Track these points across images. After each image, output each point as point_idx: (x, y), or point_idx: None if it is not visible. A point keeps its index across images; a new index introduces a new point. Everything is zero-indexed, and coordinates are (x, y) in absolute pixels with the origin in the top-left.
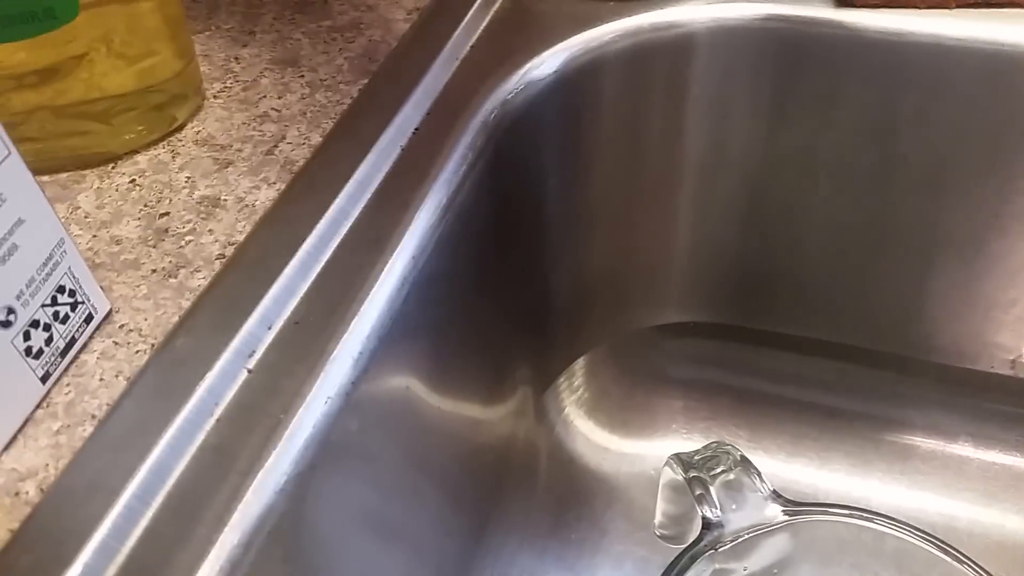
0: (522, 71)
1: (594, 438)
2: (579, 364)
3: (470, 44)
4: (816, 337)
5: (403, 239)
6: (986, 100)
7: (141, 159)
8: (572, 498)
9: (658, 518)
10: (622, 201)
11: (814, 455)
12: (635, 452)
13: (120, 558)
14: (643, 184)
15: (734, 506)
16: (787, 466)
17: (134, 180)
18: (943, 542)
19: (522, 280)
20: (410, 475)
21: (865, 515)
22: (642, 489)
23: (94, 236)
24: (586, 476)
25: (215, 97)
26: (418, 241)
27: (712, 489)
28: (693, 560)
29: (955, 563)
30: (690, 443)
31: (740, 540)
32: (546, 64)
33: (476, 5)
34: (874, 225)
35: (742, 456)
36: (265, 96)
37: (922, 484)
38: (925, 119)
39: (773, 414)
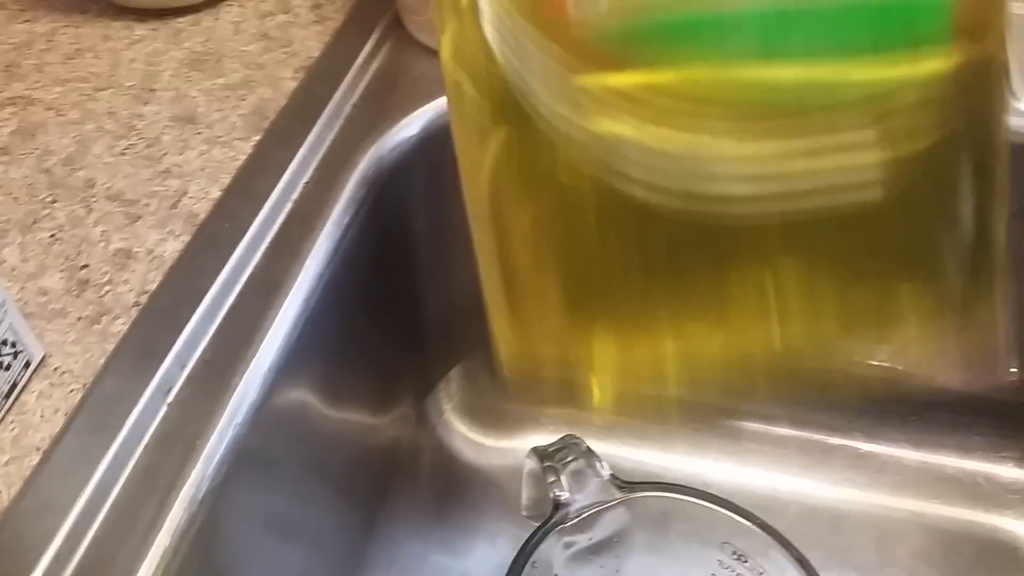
0: (395, 129)
1: (471, 436)
2: (455, 372)
3: (351, 103)
4: None
5: (295, 284)
6: None
7: (59, 214)
8: (453, 489)
9: (523, 501)
10: None
11: (658, 441)
12: (507, 447)
13: (72, 565)
14: None
15: (580, 488)
16: (636, 451)
17: (54, 235)
18: (737, 506)
19: (401, 306)
20: (307, 480)
21: (679, 489)
22: (513, 478)
23: (22, 288)
24: (465, 470)
25: (122, 154)
26: (309, 285)
27: (562, 475)
28: (545, 535)
29: (743, 519)
30: (553, 436)
31: (584, 516)
32: (416, 123)
33: (356, 66)
34: None
35: (587, 447)
36: (167, 152)
37: (749, 461)
38: None
39: None
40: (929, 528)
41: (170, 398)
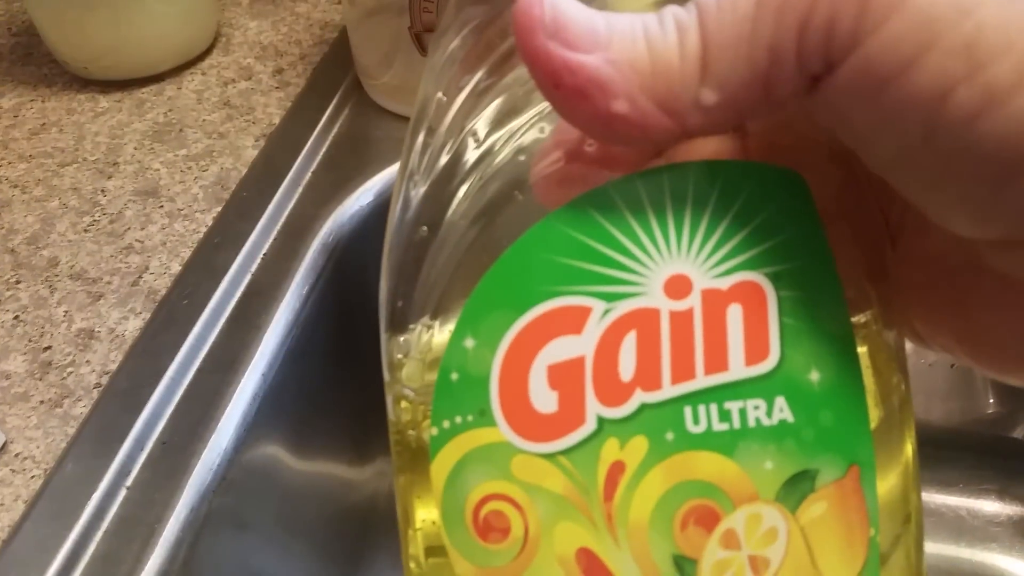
0: (353, 197)
1: None
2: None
3: (310, 171)
4: None
5: (254, 359)
6: None
7: (22, 295)
8: None
9: None
10: None
11: None
12: None
13: None
14: None
15: None
16: None
17: (17, 316)
18: None
19: (366, 367)
20: (282, 540)
21: None
22: None
23: None
24: None
25: (85, 230)
26: (268, 359)
27: None
28: None
29: None
30: None
31: None
32: (372, 189)
33: (316, 131)
34: None
35: None
36: (129, 228)
37: None
38: None
39: None
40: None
41: (129, 482)
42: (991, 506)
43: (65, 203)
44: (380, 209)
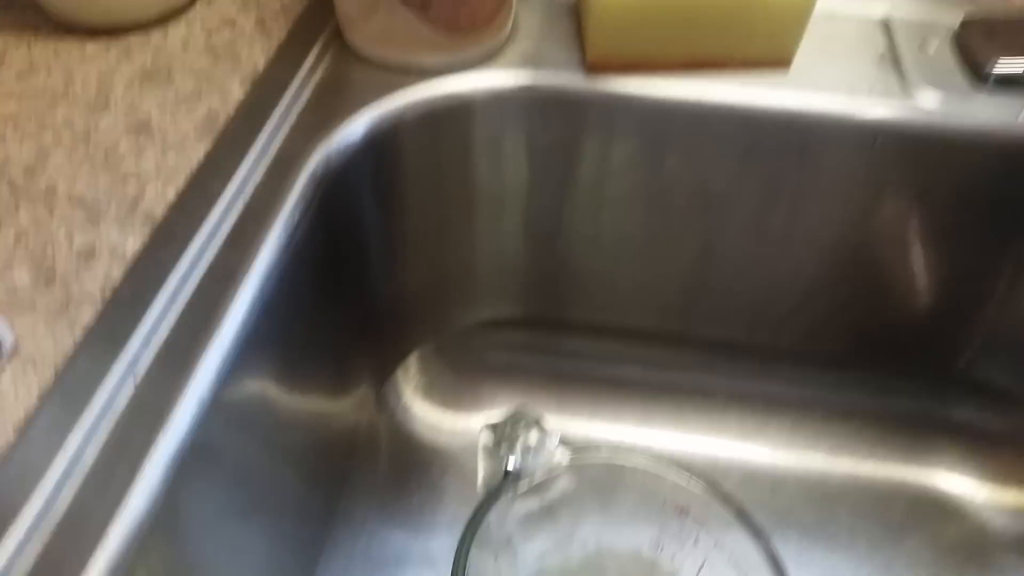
0: (339, 133)
1: (429, 419)
2: (412, 358)
3: (297, 110)
4: (603, 322)
5: (249, 274)
6: (730, 144)
7: (23, 218)
8: (413, 470)
9: (480, 477)
10: (430, 229)
11: (608, 415)
12: (465, 427)
13: (48, 526)
14: (445, 215)
15: (530, 457)
16: (588, 424)
17: (19, 237)
18: (678, 466)
19: (354, 296)
20: (268, 463)
21: (625, 452)
22: (472, 457)
23: None
24: (424, 451)
25: (81, 162)
26: (262, 275)
27: (514, 446)
28: (496, 501)
29: (684, 478)
30: None
31: (535, 482)
32: (359, 126)
33: (300, 75)
34: (634, 233)
35: (537, 419)
36: (124, 159)
37: (691, 431)
38: (670, 159)
39: (574, 385)
40: (864, 487)
41: (136, 376)
42: (936, 430)
43: (59, 137)
44: (365, 145)
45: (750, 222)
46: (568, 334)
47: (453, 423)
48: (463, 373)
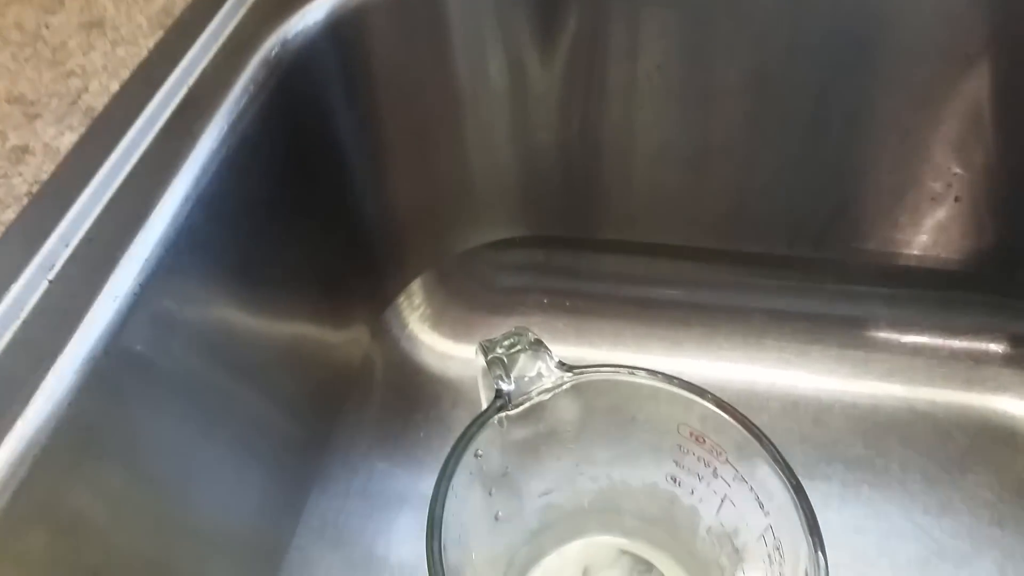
0: (299, 14)
1: (438, 348)
2: (416, 285)
3: None
4: (622, 238)
5: (186, 162)
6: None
7: None
8: (420, 403)
9: (483, 402)
10: (416, 133)
11: (632, 342)
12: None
13: None
14: (431, 116)
15: (526, 378)
16: (610, 354)
17: None
18: (689, 383)
19: (333, 210)
20: (234, 387)
21: (628, 368)
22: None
23: None
24: (433, 382)
25: (26, 61)
26: (201, 163)
27: (509, 367)
28: (485, 421)
29: (697, 397)
30: None
31: (529, 403)
32: (320, 8)
33: None
34: (655, 134)
35: (535, 338)
36: (72, 56)
37: (726, 358)
38: (693, 38)
39: (595, 310)
40: (920, 415)
41: (52, 275)
42: (1002, 351)
43: (7, 38)
44: (330, 28)
45: (805, 114)
46: (586, 253)
47: (464, 352)
48: (473, 299)
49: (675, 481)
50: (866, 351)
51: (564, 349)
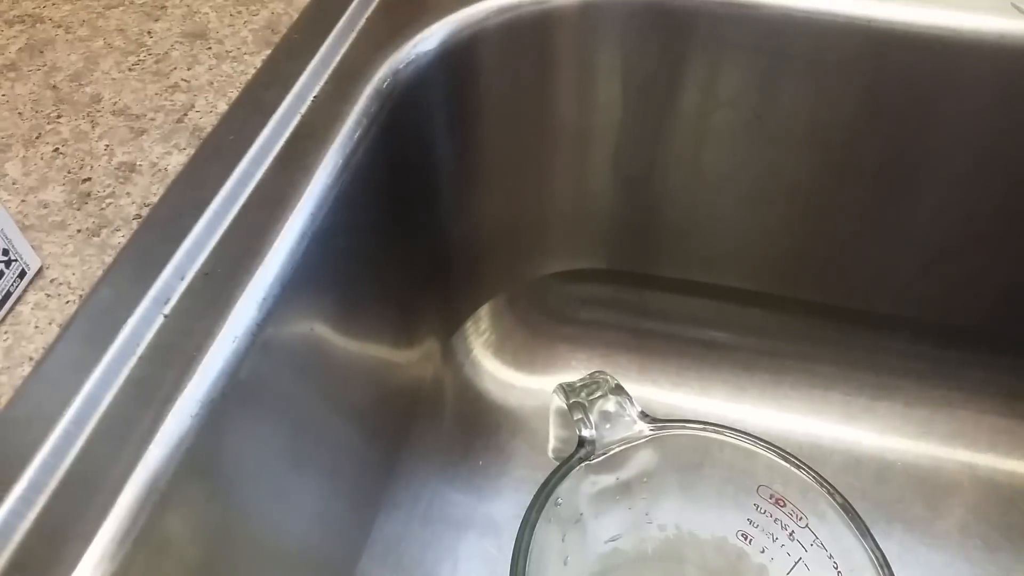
0: (412, 43)
1: (500, 376)
2: (484, 310)
3: (365, 17)
4: (695, 279)
5: (302, 197)
6: (857, 67)
7: (63, 128)
8: (480, 430)
9: (551, 442)
10: (507, 163)
11: (695, 384)
12: (538, 387)
13: (60, 473)
14: (524, 148)
15: (608, 425)
16: (672, 394)
17: (57, 149)
18: (777, 447)
19: (422, 235)
20: (323, 413)
21: (713, 427)
22: (544, 420)
23: (23, 200)
24: (493, 410)
25: (130, 70)
26: (317, 199)
27: (589, 411)
28: (569, 470)
29: (783, 462)
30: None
31: (611, 452)
32: (433, 36)
33: None
34: (742, 178)
35: (616, 384)
36: (175, 68)
37: (790, 408)
38: (787, 84)
39: (659, 349)
40: (982, 481)
41: (167, 309)
42: None
43: (110, 43)
44: (440, 59)
45: (877, 164)
46: (656, 291)
47: (525, 382)
48: (538, 329)
49: (746, 538)
50: (931, 411)
51: (626, 386)
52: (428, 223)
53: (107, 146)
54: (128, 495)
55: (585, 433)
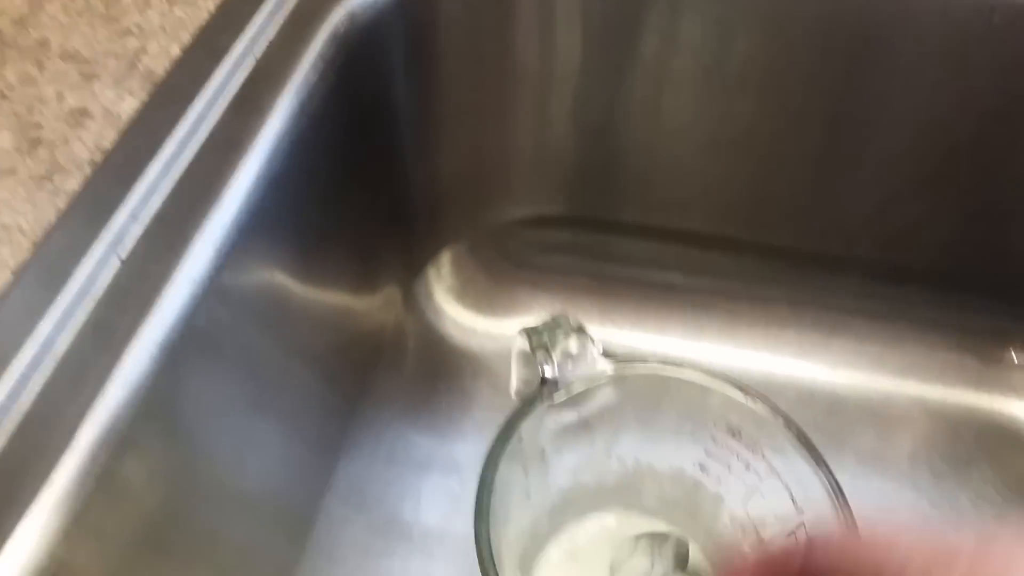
0: None
1: (462, 321)
2: (445, 256)
3: None
4: (655, 224)
5: (257, 141)
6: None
7: (8, 73)
8: (443, 374)
9: (514, 383)
10: (469, 107)
11: (654, 325)
12: (500, 332)
13: (15, 415)
14: (486, 91)
15: (570, 365)
16: (632, 336)
17: (3, 94)
18: (734, 380)
19: (382, 181)
20: (284, 359)
21: (674, 363)
22: (505, 363)
23: None
24: (455, 355)
25: (79, 14)
26: (272, 143)
27: (552, 352)
28: (531, 409)
29: (740, 394)
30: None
31: (572, 391)
32: None
33: None
34: (700, 123)
35: (579, 325)
36: (127, 12)
37: (745, 346)
38: (744, 30)
39: (619, 292)
40: (931, 413)
41: (122, 254)
42: (1013, 355)
43: None
44: (399, 2)
45: (831, 109)
46: (616, 236)
47: (487, 327)
48: (500, 274)
49: (703, 469)
50: (883, 347)
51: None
52: (388, 169)
53: (57, 91)
54: (86, 435)
55: (547, 372)
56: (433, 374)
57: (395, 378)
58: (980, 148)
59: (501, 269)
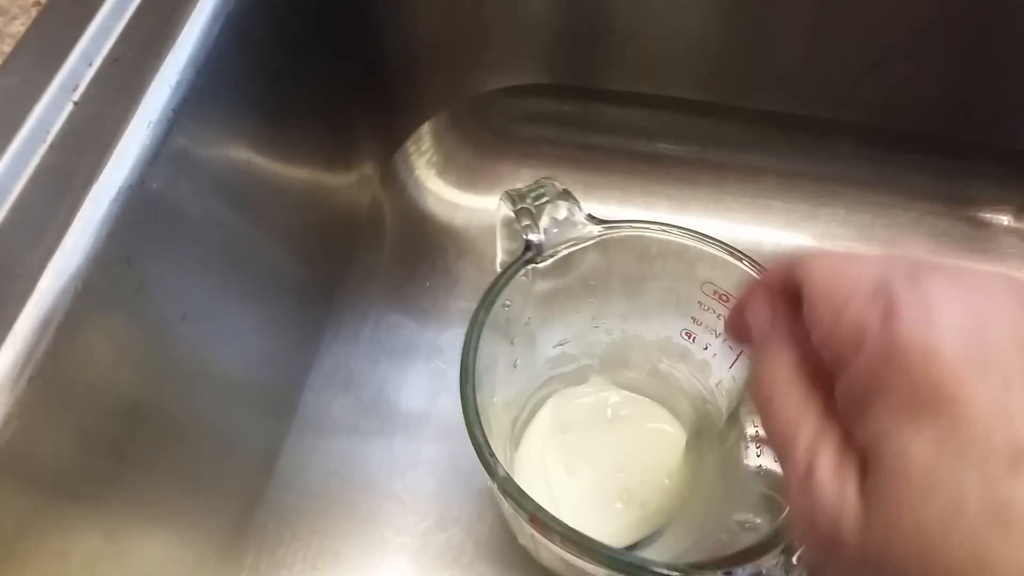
0: None
1: (444, 196)
2: (425, 129)
3: None
4: (639, 90)
5: None
6: None
7: None
8: (426, 253)
9: (499, 255)
10: None
11: (640, 197)
12: (484, 207)
13: None
14: None
15: (556, 229)
16: (619, 209)
17: None
18: (721, 242)
19: (353, 42)
20: (254, 232)
21: (662, 225)
22: (491, 240)
23: None
24: (438, 232)
25: None
26: None
27: (536, 217)
28: (515, 272)
29: (727, 256)
30: None
31: (558, 255)
32: None
33: None
34: None
35: (563, 189)
36: None
37: (733, 218)
38: None
39: (604, 163)
40: None
41: (76, 96)
42: (1006, 222)
43: None
44: None
45: None
46: (600, 104)
47: (471, 202)
48: (482, 146)
49: (689, 337)
50: (872, 215)
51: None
52: (360, 29)
53: None
54: (48, 280)
55: (532, 237)
56: (416, 253)
57: (376, 257)
58: (973, 2)
59: (483, 141)
